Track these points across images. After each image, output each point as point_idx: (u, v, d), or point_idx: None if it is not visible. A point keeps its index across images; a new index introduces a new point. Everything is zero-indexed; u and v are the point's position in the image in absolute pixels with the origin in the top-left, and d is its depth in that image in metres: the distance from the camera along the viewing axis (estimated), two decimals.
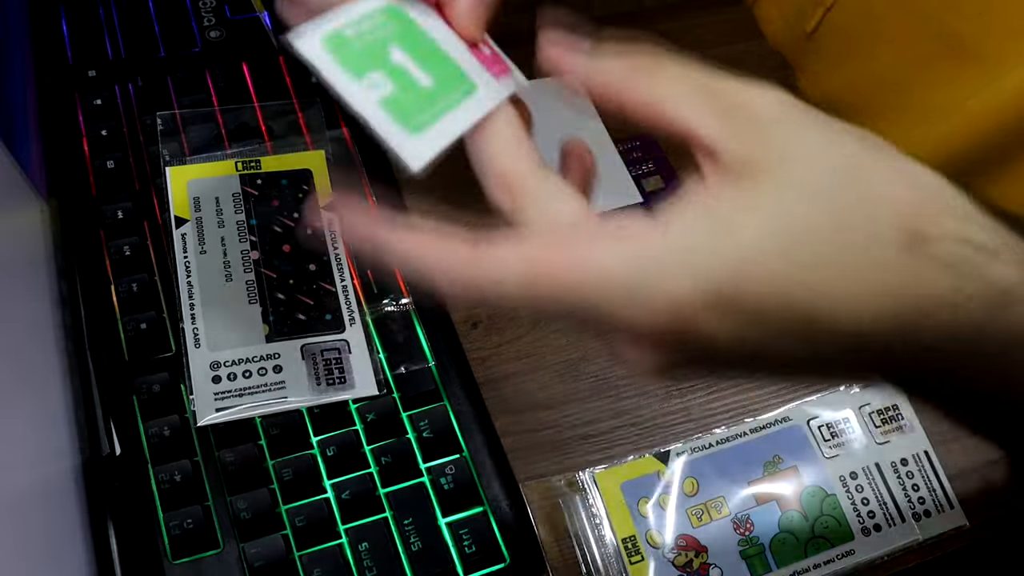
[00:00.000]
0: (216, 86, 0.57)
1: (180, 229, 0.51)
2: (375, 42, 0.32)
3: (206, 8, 0.60)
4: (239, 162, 0.53)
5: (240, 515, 0.44)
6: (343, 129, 0.56)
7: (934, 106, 0.60)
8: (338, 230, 0.33)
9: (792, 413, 0.52)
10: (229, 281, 0.50)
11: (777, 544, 0.49)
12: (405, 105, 0.31)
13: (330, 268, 0.51)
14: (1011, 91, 0.55)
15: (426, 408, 0.48)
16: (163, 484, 0.45)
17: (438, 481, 0.46)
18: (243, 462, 0.45)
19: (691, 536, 0.48)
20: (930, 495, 0.51)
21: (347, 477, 0.46)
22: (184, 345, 0.48)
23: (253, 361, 0.48)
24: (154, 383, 0.47)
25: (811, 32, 0.65)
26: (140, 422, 0.46)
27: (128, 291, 0.49)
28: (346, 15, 0.32)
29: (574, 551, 0.48)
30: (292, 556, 0.44)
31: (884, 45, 0.61)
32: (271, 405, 0.47)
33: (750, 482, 0.50)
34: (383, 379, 0.49)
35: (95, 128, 0.54)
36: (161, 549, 0.44)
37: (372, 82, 0.31)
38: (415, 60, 0.33)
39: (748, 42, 0.67)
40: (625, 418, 0.52)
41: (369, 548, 0.45)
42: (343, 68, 0.31)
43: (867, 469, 0.51)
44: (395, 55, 0.32)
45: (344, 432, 0.47)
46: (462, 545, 0.45)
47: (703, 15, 0.68)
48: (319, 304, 0.50)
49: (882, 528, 0.50)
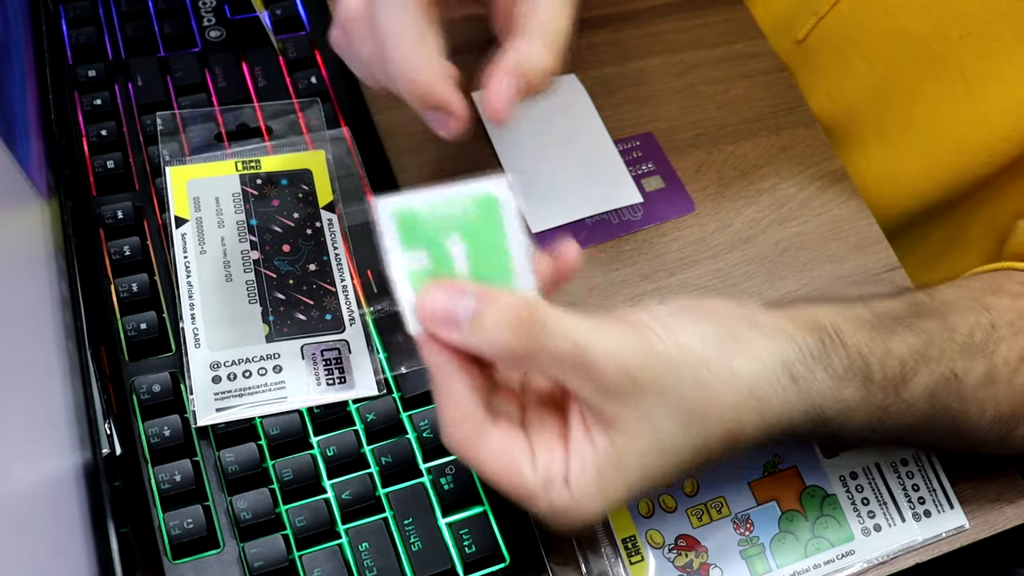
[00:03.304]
0: (216, 86, 0.57)
1: (180, 229, 0.51)
2: (440, 226, 0.38)
3: (206, 8, 0.60)
4: (239, 162, 0.53)
5: (240, 515, 0.44)
6: (343, 129, 0.56)
7: (920, 124, 0.60)
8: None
9: None
10: (229, 281, 0.50)
11: (777, 544, 0.49)
12: (430, 279, 0.37)
13: (330, 268, 0.51)
14: (996, 115, 0.56)
15: (426, 408, 0.48)
16: (163, 484, 0.45)
17: (438, 481, 0.46)
18: (243, 462, 0.45)
19: (691, 536, 0.48)
20: (930, 495, 0.51)
21: (347, 477, 0.46)
22: (184, 345, 0.48)
23: (253, 361, 0.48)
24: (154, 383, 0.47)
25: (801, 40, 0.65)
26: (140, 422, 0.46)
27: (128, 291, 0.49)
28: (435, 195, 0.38)
29: (574, 551, 0.48)
30: (292, 556, 0.44)
31: (872, 60, 0.62)
32: (271, 405, 0.47)
33: (750, 482, 0.50)
34: (383, 379, 0.49)
35: (95, 128, 0.54)
36: (161, 549, 0.44)
37: (414, 256, 0.37)
38: (469, 250, 0.38)
39: (748, 42, 0.67)
40: None
41: (369, 548, 0.45)
42: (399, 237, 0.37)
43: (867, 469, 0.51)
44: (451, 242, 0.38)
45: (344, 432, 0.47)
46: (462, 545, 0.45)
47: (703, 15, 0.68)
48: (319, 304, 0.50)
49: (882, 528, 0.50)
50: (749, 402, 0.39)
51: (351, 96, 0.59)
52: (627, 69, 0.65)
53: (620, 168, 0.60)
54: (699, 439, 0.38)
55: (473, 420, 0.37)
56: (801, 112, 0.64)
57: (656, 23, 0.67)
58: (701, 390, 0.38)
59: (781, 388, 0.40)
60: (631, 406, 0.37)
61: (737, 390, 0.39)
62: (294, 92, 0.58)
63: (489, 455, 0.38)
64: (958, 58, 0.57)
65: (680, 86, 0.64)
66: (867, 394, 0.42)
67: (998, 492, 0.52)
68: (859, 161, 0.63)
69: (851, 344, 0.42)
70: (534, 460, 0.38)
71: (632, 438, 0.37)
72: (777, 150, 0.62)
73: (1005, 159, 0.57)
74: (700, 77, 0.65)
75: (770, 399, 0.39)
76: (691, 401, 0.38)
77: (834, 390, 0.41)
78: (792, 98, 0.65)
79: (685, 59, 0.65)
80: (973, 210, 0.61)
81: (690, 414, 0.38)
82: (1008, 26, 0.55)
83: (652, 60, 0.65)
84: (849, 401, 0.42)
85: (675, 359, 0.38)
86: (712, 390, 0.38)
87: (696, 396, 0.38)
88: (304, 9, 0.61)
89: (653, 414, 0.37)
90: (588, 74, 0.64)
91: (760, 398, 0.39)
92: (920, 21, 0.58)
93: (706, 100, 0.64)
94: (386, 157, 0.57)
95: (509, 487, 0.38)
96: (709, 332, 0.39)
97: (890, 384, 0.43)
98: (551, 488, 0.38)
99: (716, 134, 0.63)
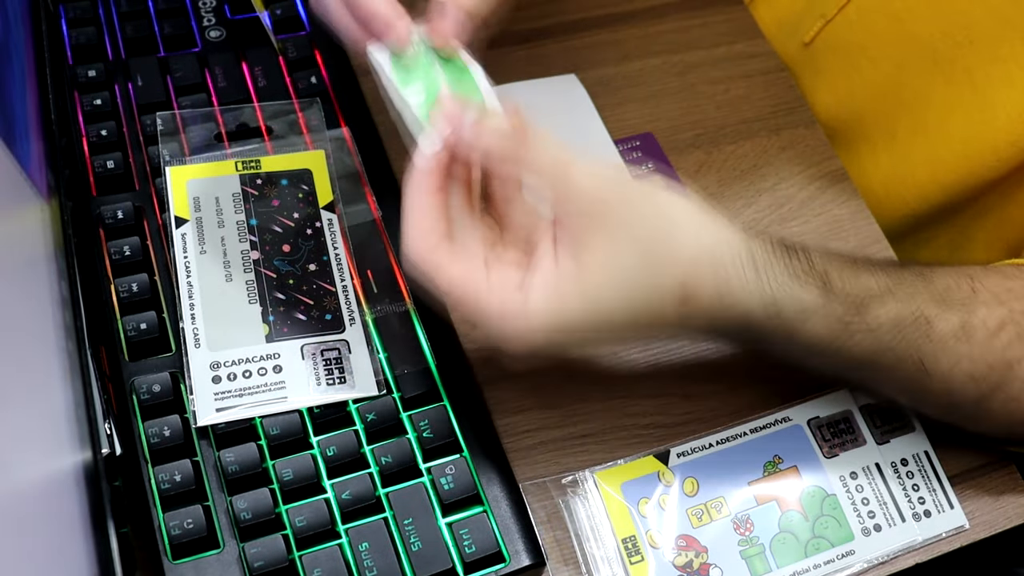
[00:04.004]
0: (216, 86, 0.57)
1: (180, 229, 0.51)
2: (424, 63, 0.47)
3: (206, 8, 0.60)
4: (239, 162, 0.53)
5: (240, 515, 0.44)
6: (343, 129, 0.56)
7: (928, 128, 0.60)
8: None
9: (792, 413, 0.52)
10: (229, 281, 0.50)
11: (777, 544, 0.49)
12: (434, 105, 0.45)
13: (330, 268, 0.51)
14: (1004, 119, 0.56)
15: (426, 408, 0.48)
16: (163, 484, 0.45)
17: (438, 481, 0.46)
18: (243, 462, 0.45)
19: (691, 536, 0.48)
20: (930, 495, 0.51)
21: (347, 477, 0.46)
22: (184, 345, 0.48)
23: (253, 361, 0.48)
24: (154, 383, 0.47)
25: (808, 42, 0.65)
26: (140, 422, 0.46)
27: (128, 291, 0.49)
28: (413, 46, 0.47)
29: (574, 551, 0.48)
30: (292, 556, 0.44)
31: (879, 63, 0.62)
32: (271, 405, 0.47)
33: (750, 482, 0.50)
34: (383, 379, 0.49)
35: (95, 128, 0.54)
36: (161, 549, 0.44)
37: (413, 90, 0.46)
38: (449, 80, 0.46)
39: (748, 42, 0.67)
40: (625, 418, 0.52)
41: (369, 548, 0.45)
42: (397, 78, 0.46)
43: (867, 469, 0.51)
44: (436, 74, 0.46)
45: (344, 432, 0.47)
46: (462, 545, 0.45)
47: (703, 15, 0.68)
48: (319, 304, 0.50)
49: (882, 528, 0.50)
50: (707, 265, 0.41)
51: (351, 96, 0.59)
52: (627, 69, 0.65)
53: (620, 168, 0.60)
54: (654, 281, 0.41)
55: (439, 228, 0.41)
56: (801, 112, 0.64)
57: (656, 23, 0.67)
58: (664, 239, 0.41)
59: (740, 268, 0.42)
60: (599, 228, 0.40)
61: (697, 249, 0.41)
62: (294, 92, 0.58)
63: (445, 260, 0.41)
64: (966, 62, 0.57)
65: (680, 86, 0.64)
66: (826, 302, 0.43)
67: (998, 492, 0.52)
68: (866, 163, 0.63)
69: (817, 261, 0.44)
70: (489, 271, 0.41)
71: (594, 260, 0.40)
72: (777, 150, 0.62)
73: (1012, 163, 0.57)
74: (700, 77, 0.65)
75: (728, 276, 0.42)
76: (653, 243, 0.41)
77: (793, 288, 0.43)
78: (792, 98, 0.65)
79: (685, 59, 0.65)
80: (980, 215, 0.61)
81: (650, 255, 0.41)
82: (1015, 31, 0.55)
83: (652, 60, 0.65)
84: (807, 304, 0.43)
85: (648, 204, 0.42)
86: (674, 242, 0.41)
87: (658, 240, 0.41)
88: (304, 9, 0.61)
89: (617, 243, 0.40)
90: (588, 74, 0.64)
91: (718, 266, 0.42)
92: (928, 25, 0.58)
93: (706, 100, 0.64)
94: (386, 157, 0.57)
95: (463, 292, 0.41)
96: (686, 203, 0.43)
97: (851, 301, 0.44)
98: (504, 292, 0.40)
99: (716, 134, 0.63)
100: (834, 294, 0.44)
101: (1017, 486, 0.52)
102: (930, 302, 0.45)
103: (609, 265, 0.40)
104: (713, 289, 0.42)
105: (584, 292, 0.40)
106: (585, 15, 0.67)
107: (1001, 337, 0.46)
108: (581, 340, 0.43)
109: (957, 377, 0.46)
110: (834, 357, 0.46)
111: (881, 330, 0.44)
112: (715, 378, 0.54)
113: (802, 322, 0.43)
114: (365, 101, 0.59)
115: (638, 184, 0.43)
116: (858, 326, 0.44)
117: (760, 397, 0.53)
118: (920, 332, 0.45)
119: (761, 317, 0.43)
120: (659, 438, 0.52)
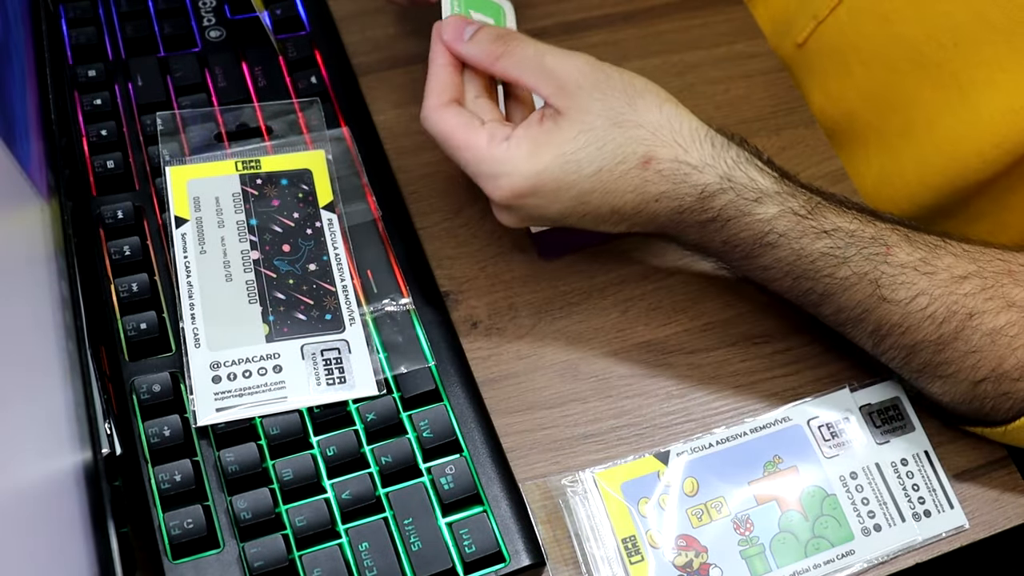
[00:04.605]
0: (216, 86, 0.57)
1: (180, 229, 0.51)
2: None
3: (206, 8, 0.60)
4: (239, 162, 0.53)
5: (240, 515, 0.44)
6: (343, 129, 0.56)
7: (917, 130, 0.60)
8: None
9: (792, 413, 0.52)
10: (229, 281, 0.50)
11: (777, 544, 0.49)
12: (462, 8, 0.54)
13: (330, 268, 0.51)
14: (988, 121, 0.56)
15: (426, 408, 0.48)
16: (163, 484, 0.45)
17: (438, 481, 0.46)
18: (243, 462, 0.45)
19: (691, 536, 0.48)
20: (930, 495, 0.51)
21: (347, 477, 0.46)
22: (184, 345, 0.48)
23: (253, 361, 0.48)
24: (154, 383, 0.47)
25: (801, 44, 0.65)
26: (140, 422, 0.46)
27: (128, 291, 0.49)
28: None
29: (574, 551, 0.48)
30: (292, 556, 0.44)
31: (870, 65, 0.62)
32: (271, 405, 0.47)
33: (750, 482, 0.50)
34: (383, 379, 0.49)
35: (95, 128, 0.54)
36: (161, 549, 0.44)
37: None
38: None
39: (748, 42, 0.67)
40: (625, 418, 0.52)
41: (369, 548, 0.45)
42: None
43: (867, 469, 0.51)
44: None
45: (344, 432, 0.47)
46: (462, 545, 0.45)
47: (703, 15, 0.68)
48: (319, 304, 0.50)
49: (882, 528, 0.50)
50: (667, 132, 0.47)
51: (351, 96, 0.59)
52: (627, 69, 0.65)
53: None
54: (619, 140, 0.47)
55: (449, 93, 0.49)
56: (801, 112, 0.64)
57: (656, 23, 0.67)
58: (630, 106, 0.47)
59: (698, 143, 0.47)
60: (574, 99, 0.47)
61: (660, 117, 0.47)
62: (294, 92, 0.58)
63: (451, 114, 0.48)
64: (952, 65, 0.57)
65: (680, 86, 0.64)
66: (781, 190, 0.47)
67: (998, 492, 0.52)
68: (859, 164, 0.63)
69: (779, 165, 0.49)
70: (485, 123, 0.48)
71: (569, 124, 0.47)
72: (777, 150, 0.62)
73: (997, 165, 0.57)
74: (700, 77, 0.65)
75: (688, 147, 0.47)
76: (621, 108, 0.47)
77: (749, 169, 0.47)
78: (792, 98, 0.65)
79: (685, 59, 0.65)
80: (974, 220, 0.61)
81: (618, 118, 0.47)
82: (1000, 34, 0.55)
83: (652, 60, 0.65)
84: (762, 185, 0.47)
85: (617, 79, 0.48)
86: (640, 109, 0.47)
87: (625, 106, 0.47)
88: (304, 9, 0.61)
89: (590, 110, 0.47)
90: None
91: (677, 135, 0.47)
92: (914, 27, 0.59)
93: (706, 100, 0.64)
94: (386, 157, 0.57)
95: (462, 139, 0.48)
96: (655, 85, 0.49)
97: (808, 200, 0.47)
98: (493, 140, 0.47)
99: None
100: (790, 187, 0.47)
101: (1017, 486, 0.52)
102: (891, 232, 0.47)
103: (581, 126, 0.47)
104: (672, 155, 0.46)
105: (558, 145, 0.47)
106: (585, 15, 0.67)
107: (964, 286, 0.46)
108: (554, 192, 0.47)
109: (915, 312, 0.46)
110: (787, 257, 0.47)
111: (836, 235, 0.46)
112: (715, 377, 0.54)
113: (755, 201, 0.46)
114: (365, 101, 0.59)
115: (608, 65, 0.48)
116: (811, 224, 0.46)
117: (760, 397, 0.53)
118: (878, 252, 0.46)
119: (715, 189, 0.46)
120: (659, 438, 0.52)
